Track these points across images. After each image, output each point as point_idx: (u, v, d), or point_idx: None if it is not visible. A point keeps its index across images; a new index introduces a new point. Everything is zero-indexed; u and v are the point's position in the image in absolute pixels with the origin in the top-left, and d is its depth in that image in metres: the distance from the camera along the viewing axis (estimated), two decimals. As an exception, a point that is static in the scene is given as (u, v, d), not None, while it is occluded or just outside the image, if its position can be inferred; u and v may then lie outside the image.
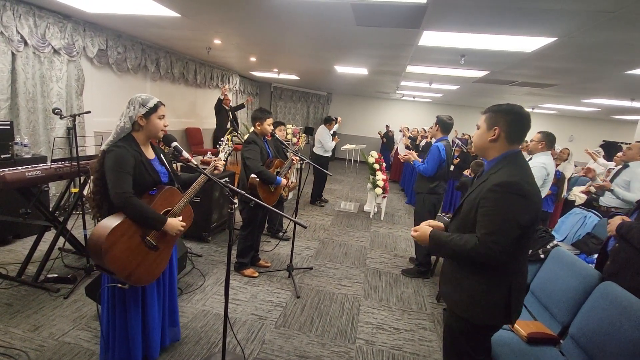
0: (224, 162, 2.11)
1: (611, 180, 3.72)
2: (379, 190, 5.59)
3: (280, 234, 4.44)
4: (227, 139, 2.22)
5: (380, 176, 5.67)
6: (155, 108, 1.82)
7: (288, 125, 7.33)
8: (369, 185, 5.85)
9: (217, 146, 2.19)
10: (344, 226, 5.23)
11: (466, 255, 1.45)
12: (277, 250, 4.03)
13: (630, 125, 10.44)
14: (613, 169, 5.46)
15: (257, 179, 3.05)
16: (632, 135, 6.85)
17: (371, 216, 5.86)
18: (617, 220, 2.07)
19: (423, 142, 7.56)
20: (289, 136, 7.06)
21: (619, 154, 5.50)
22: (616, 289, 1.86)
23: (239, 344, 2.36)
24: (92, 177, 1.80)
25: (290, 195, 6.06)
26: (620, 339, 1.68)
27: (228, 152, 2.20)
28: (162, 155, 2.00)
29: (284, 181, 3.26)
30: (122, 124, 1.79)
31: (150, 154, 1.92)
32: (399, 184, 8.73)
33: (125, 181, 1.71)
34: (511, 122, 1.52)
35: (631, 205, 3.54)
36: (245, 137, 3.32)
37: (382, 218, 5.82)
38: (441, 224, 1.74)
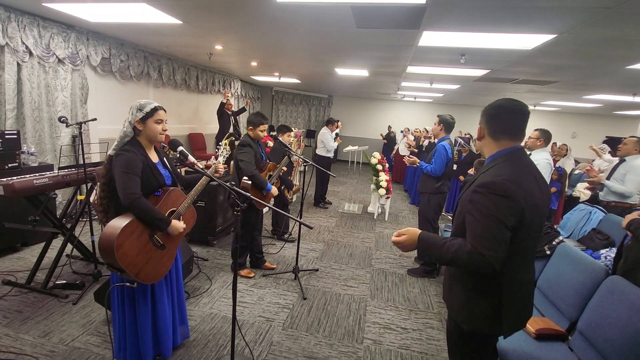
0: (225, 165, 2.15)
1: (609, 176, 3.75)
2: (382, 191, 5.60)
3: (286, 236, 4.45)
4: (225, 143, 2.27)
5: (383, 177, 5.67)
6: (152, 112, 1.87)
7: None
8: (372, 186, 5.86)
9: (216, 150, 2.25)
10: (348, 227, 5.24)
11: (461, 265, 1.34)
12: (282, 253, 4.04)
13: (633, 121, 10.40)
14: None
15: (250, 182, 3.08)
16: (634, 130, 6.84)
17: (375, 217, 5.86)
18: (632, 216, 2.05)
19: (426, 143, 7.58)
20: (293, 140, 7.08)
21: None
22: (623, 283, 1.86)
23: (247, 346, 2.37)
24: (99, 182, 1.85)
25: (295, 198, 6.08)
26: (629, 332, 1.68)
27: (226, 155, 2.26)
28: (165, 159, 2.05)
29: (274, 190, 3.26)
30: (124, 129, 1.86)
31: (154, 157, 1.98)
32: (402, 186, 8.71)
33: (135, 183, 1.77)
34: (490, 116, 1.46)
35: (626, 197, 3.59)
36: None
37: (386, 219, 5.82)
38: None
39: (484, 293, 1.41)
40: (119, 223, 1.73)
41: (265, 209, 5.54)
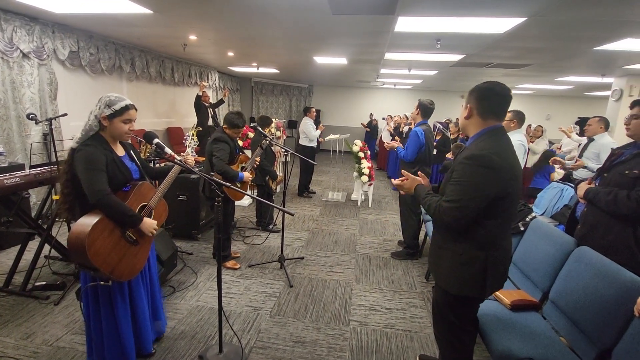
0: (195, 157, 2.15)
1: (580, 155, 3.89)
2: (364, 178, 5.66)
3: (270, 226, 4.46)
4: (192, 134, 2.25)
5: (366, 164, 5.73)
6: (121, 111, 1.79)
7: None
8: (355, 173, 5.92)
9: (183, 141, 2.23)
10: (332, 215, 5.29)
11: (431, 215, 1.60)
12: (267, 243, 4.06)
13: (603, 101, 10.78)
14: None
15: (221, 177, 3.05)
16: (604, 110, 7.11)
17: (359, 204, 5.94)
18: (584, 187, 2.21)
19: (406, 129, 7.67)
20: (273, 129, 7.03)
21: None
22: (590, 253, 1.97)
23: (236, 335, 2.40)
24: (62, 179, 1.76)
25: (278, 189, 6.08)
26: (596, 298, 1.78)
27: (194, 146, 2.24)
28: (131, 152, 1.99)
29: (247, 175, 3.26)
30: (90, 122, 1.78)
31: (120, 151, 1.91)
32: (386, 172, 8.84)
33: (101, 179, 1.70)
34: (479, 97, 1.58)
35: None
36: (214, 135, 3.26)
37: (369, 205, 5.91)
38: (428, 183, 1.86)
39: (472, 258, 1.56)
40: (88, 221, 1.66)
41: (247, 201, 5.53)
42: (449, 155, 5.58)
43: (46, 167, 2.84)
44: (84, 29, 4.78)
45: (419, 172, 1.89)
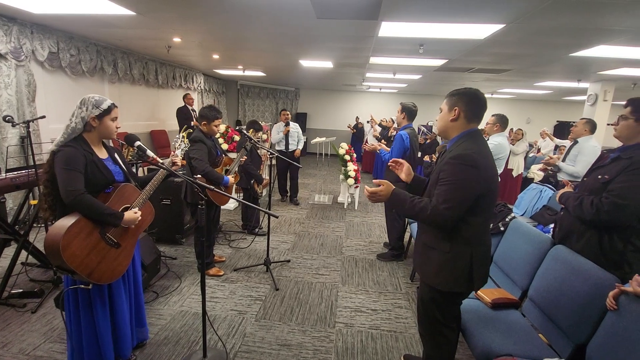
0: (183, 161, 2.12)
1: (565, 157, 3.95)
2: (351, 181, 5.70)
3: (257, 230, 4.44)
4: (183, 136, 2.23)
5: (352, 167, 5.77)
6: (108, 110, 1.81)
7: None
8: (341, 176, 5.95)
9: (173, 143, 2.20)
10: (319, 218, 5.30)
11: (423, 219, 1.60)
12: (253, 247, 4.04)
13: (580, 105, 11.20)
14: (565, 146, 5.86)
15: (204, 179, 2.94)
16: (581, 114, 7.37)
17: (345, 207, 5.97)
18: (563, 190, 2.26)
19: (394, 133, 7.75)
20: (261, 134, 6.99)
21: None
22: (565, 252, 2.04)
23: (220, 340, 2.38)
24: (42, 179, 1.76)
25: (264, 192, 6.05)
26: (571, 294, 1.85)
27: (184, 149, 2.22)
28: (116, 155, 1.96)
29: (231, 180, 3.16)
30: (73, 125, 1.76)
31: (102, 153, 1.88)
32: (372, 175, 8.90)
33: (76, 179, 1.68)
34: (469, 102, 1.65)
35: (576, 177, 3.81)
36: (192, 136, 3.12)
37: (355, 208, 5.95)
38: (411, 171, 1.93)
39: (459, 256, 1.62)
40: (64, 222, 1.64)
41: (233, 205, 5.49)
42: (426, 158, 5.68)
43: (23, 171, 2.76)
44: (64, 29, 4.68)
45: (403, 161, 1.93)
